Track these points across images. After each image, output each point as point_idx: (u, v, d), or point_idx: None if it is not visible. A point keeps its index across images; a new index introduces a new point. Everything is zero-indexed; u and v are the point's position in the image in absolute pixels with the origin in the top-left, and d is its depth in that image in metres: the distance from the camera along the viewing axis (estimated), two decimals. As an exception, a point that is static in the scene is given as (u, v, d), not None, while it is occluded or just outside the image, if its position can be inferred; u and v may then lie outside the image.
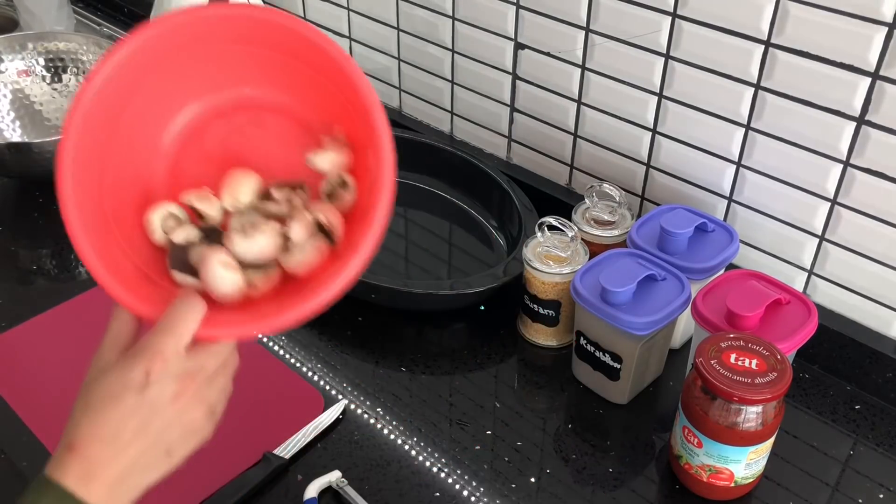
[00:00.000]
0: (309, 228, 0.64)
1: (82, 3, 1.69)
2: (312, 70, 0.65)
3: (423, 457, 0.83)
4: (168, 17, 0.65)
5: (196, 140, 0.68)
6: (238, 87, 0.68)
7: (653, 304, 0.82)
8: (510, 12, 1.05)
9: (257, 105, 0.69)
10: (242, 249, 0.63)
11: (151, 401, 0.56)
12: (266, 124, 0.69)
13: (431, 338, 0.98)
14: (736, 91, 0.89)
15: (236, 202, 0.66)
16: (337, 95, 0.65)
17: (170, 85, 0.67)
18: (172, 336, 0.57)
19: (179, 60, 0.66)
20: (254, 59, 0.67)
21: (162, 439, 0.57)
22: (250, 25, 0.65)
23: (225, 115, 0.69)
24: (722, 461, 0.75)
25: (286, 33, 0.64)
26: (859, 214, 0.86)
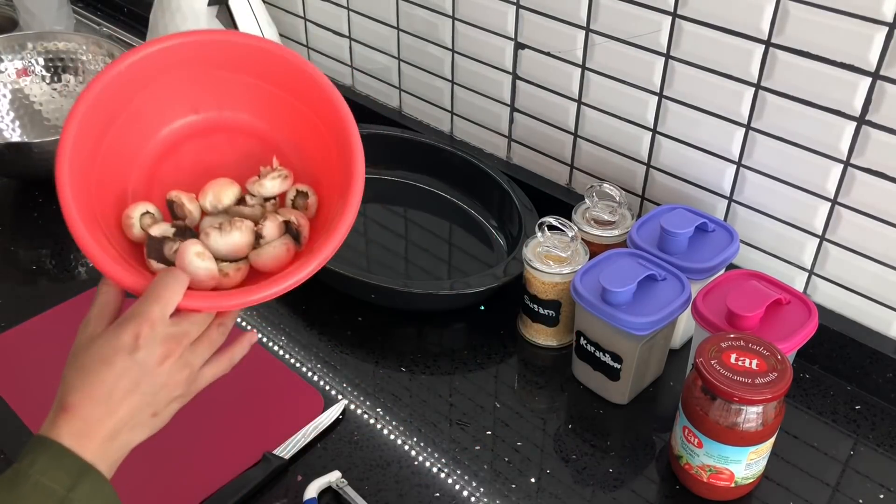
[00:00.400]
0: (279, 228, 0.72)
1: (82, 3, 1.69)
2: (289, 95, 0.75)
3: (423, 457, 0.83)
4: (160, 39, 0.73)
5: (174, 153, 0.77)
6: (218, 111, 0.77)
7: (653, 304, 0.82)
8: (510, 12, 1.05)
9: (233, 127, 0.78)
10: (219, 244, 0.70)
11: (141, 362, 0.61)
12: (238, 144, 0.78)
13: (431, 338, 0.98)
14: (736, 91, 0.89)
15: (218, 203, 0.74)
16: (311, 119, 0.74)
17: (157, 103, 0.75)
18: (158, 303, 0.62)
19: (167, 81, 0.74)
20: (235, 85, 0.76)
21: (150, 399, 0.62)
22: (236, 51, 0.74)
23: (203, 133, 0.78)
24: (722, 461, 0.75)
25: (271, 60, 0.74)
26: (859, 214, 0.86)
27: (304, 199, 0.75)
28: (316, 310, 1.00)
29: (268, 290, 0.66)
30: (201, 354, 0.66)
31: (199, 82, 0.76)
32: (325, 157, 0.73)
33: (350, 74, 1.34)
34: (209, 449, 0.82)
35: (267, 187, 0.74)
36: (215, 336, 0.67)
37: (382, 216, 1.16)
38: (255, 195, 0.75)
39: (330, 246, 0.67)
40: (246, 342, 0.70)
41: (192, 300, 0.64)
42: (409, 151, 1.18)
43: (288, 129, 0.77)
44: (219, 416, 0.85)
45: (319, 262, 0.67)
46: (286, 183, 0.75)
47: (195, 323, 0.65)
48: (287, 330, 0.97)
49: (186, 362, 0.64)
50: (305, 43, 1.38)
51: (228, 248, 0.70)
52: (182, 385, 0.64)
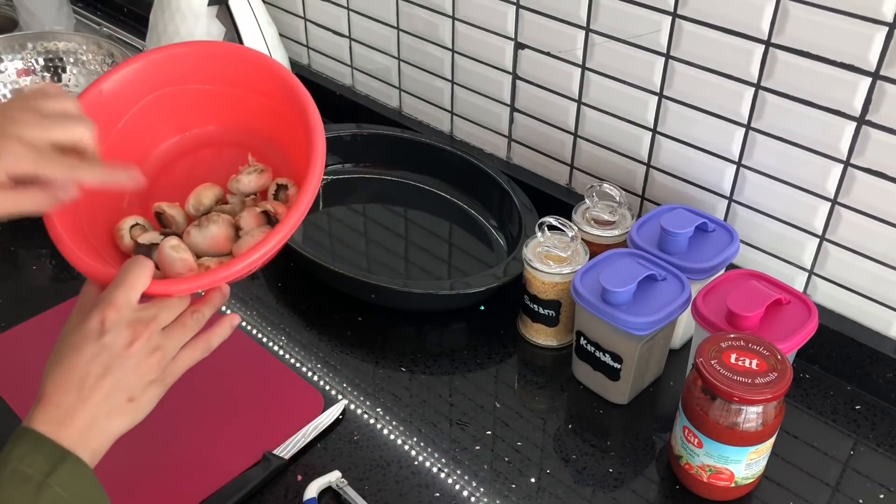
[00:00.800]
0: (256, 218, 0.74)
1: (82, 3, 1.69)
2: (261, 96, 0.78)
3: (423, 457, 0.83)
4: (145, 55, 0.77)
5: (166, 172, 0.80)
6: (202, 126, 0.81)
7: (653, 304, 0.82)
8: (510, 12, 1.05)
9: (219, 141, 0.81)
10: (198, 239, 0.73)
11: (108, 346, 0.62)
12: (225, 156, 0.81)
13: (431, 338, 0.98)
14: (736, 91, 0.89)
15: (199, 205, 0.77)
16: (282, 114, 0.76)
17: (144, 126, 0.78)
18: (123, 288, 0.63)
19: (151, 104, 0.78)
20: (214, 97, 0.79)
21: (122, 384, 0.62)
22: (213, 62, 0.78)
23: (191, 151, 0.81)
24: (722, 461, 0.75)
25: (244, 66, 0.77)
26: (859, 214, 0.86)
27: (286, 191, 0.77)
28: (316, 310, 1.00)
29: (229, 269, 0.66)
30: (174, 339, 0.65)
31: (182, 100, 0.78)
32: (299, 148, 0.74)
33: (350, 74, 1.34)
34: (209, 449, 0.82)
35: (244, 182, 0.77)
36: (190, 322, 0.67)
37: (382, 216, 1.16)
38: (236, 193, 0.78)
39: (293, 217, 0.67)
40: (227, 325, 0.70)
41: (158, 286, 0.65)
42: (409, 151, 1.18)
43: (265, 128, 0.79)
44: (219, 416, 0.85)
45: (283, 234, 0.67)
46: (263, 177, 0.78)
47: (165, 308, 0.65)
48: (287, 330, 0.97)
49: (157, 345, 0.64)
50: (305, 43, 1.38)
51: (207, 241, 0.73)
52: (155, 368, 0.64)
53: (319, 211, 1.15)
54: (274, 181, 0.79)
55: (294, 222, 0.67)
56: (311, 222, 1.14)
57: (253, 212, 0.75)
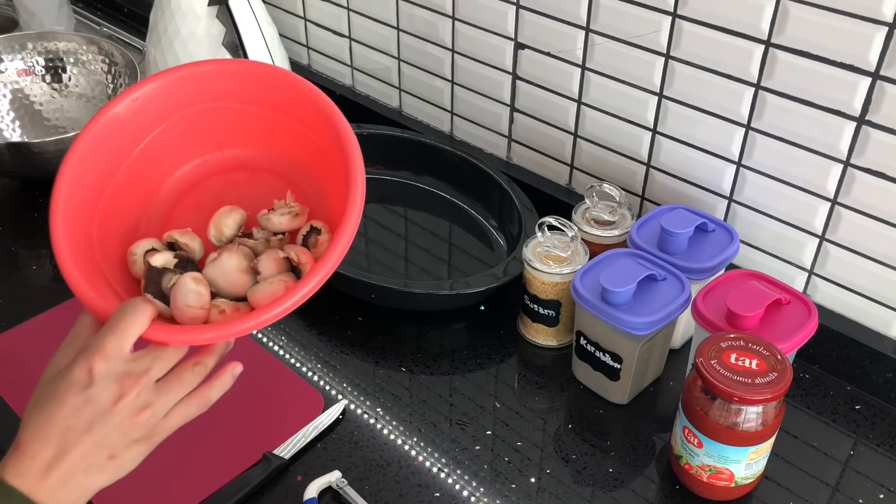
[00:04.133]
0: (278, 264, 0.67)
1: (82, 3, 1.69)
2: (309, 130, 0.71)
3: (423, 457, 0.83)
4: (182, 68, 0.70)
5: (194, 190, 0.73)
6: (240, 147, 0.73)
7: (653, 304, 0.82)
8: (510, 12, 1.05)
9: (255, 165, 0.74)
10: (213, 273, 0.66)
11: (93, 400, 0.57)
12: (260, 183, 0.74)
13: (431, 338, 0.98)
14: (736, 91, 0.89)
15: (220, 235, 0.70)
16: (330, 156, 0.69)
17: (176, 138, 0.71)
18: (115, 334, 0.58)
19: (186, 116, 0.71)
20: (255, 120, 0.72)
21: (105, 441, 0.57)
22: (256, 83, 0.71)
23: (224, 171, 0.74)
24: (722, 461, 0.75)
25: (290, 92, 0.70)
26: (859, 214, 0.86)
27: (317, 235, 0.70)
28: (316, 310, 1.00)
29: (241, 325, 0.60)
30: (168, 395, 0.60)
31: (221, 117, 0.72)
32: (338, 191, 0.69)
33: (350, 74, 1.34)
34: (209, 449, 0.82)
35: (274, 222, 0.70)
36: (189, 376, 0.61)
37: (382, 216, 1.16)
38: (264, 228, 0.71)
39: (316, 276, 0.61)
40: (228, 376, 0.63)
41: (156, 331, 0.59)
42: (409, 151, 1.18)
43: (306, 161, 0.73)
44: (219, 416, 0.85)
45: (304, 293, 0.61)
46: (297, 220, 0.71)
47: (160, 359, 0.59)
48: (287, 330, 0.97)
49: (146, 402, 0.58)
50: (305, 43, 1.38)
51: (221, 277, 0.66)
52: (142, 427, 0.59)
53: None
54: (308, 222, 0.71)
55: (319, 281, 0.61)
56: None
57: (275, 255, 0.67)
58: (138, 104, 0.69)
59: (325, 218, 0.70)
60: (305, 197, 0.73)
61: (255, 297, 0.65)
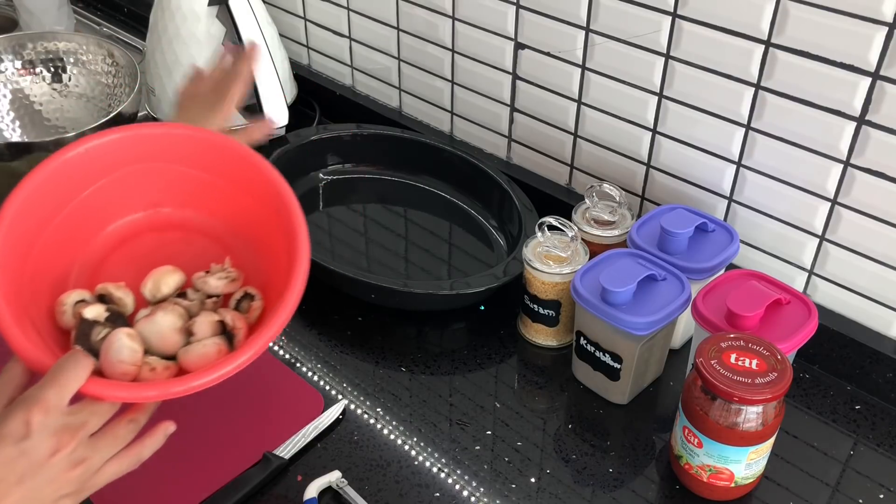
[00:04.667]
0: (212, 326, 0.67)
1: (82, 3, 1.69)
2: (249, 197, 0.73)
3: (423, 457, 0.83)
4: (136, 127, 0.73)
5: (126, 244, 0.74)
6: (177, 207, 0.75)
7: (653, 304, 0.82)
8: (510, 12, 1.05)
9: (190, 226, 0.75)
10: (146, 330, 0.66)
11: (28, 453, 0.56)
12: (194, 244, 0.75)
13: (431, 338, 0.98)
14: (736, 91, 0.89)
15: (157, 292, 0.71)
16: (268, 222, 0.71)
17: (116, 192, 0.73)
18: (55, 387, 0.56)
19: (128, 173, 0.73)
20: (196, 182, 0.74)
21: (35, 494, 0.56)
22: (202, 148, 0.73)
23: (159, 228, 0.75)
24: (722, 461, 0.75)
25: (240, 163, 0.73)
26: (859, 214, 0.86)
27: (250, 301, 0.71)
28: (316, 310, 1.00)
29: (176, 387, 0.60)
30: (102, 450, 0.59)
31: (161, 177, 0.74)
32: (276, 260, 0.70)
33: (350, 74, 1.34)
34: (209, 449, 0.82)
35: (211, 285, 0.71)
36: (122, 432, 0.60)
37: (382, 216, 1.16)
38: (199, 290, 0.71)
39: (255, 346, 0.62)
40: (160, 434, 0.63)
41: (95, 386, 0.59)
42: (409, 151, 1.18)
43: (246, 231, 0.74)
44: (219, 416, 0.85)
45: (240, 362, 0.62)
46: (233, 285, 0.72)
47: (96, 413, 0.59)
48: (287, 330, 0.97)
49: (80, 458, 0.58)
50: (305, 43, 1.38)
51: (155, 333, 0.66)
52: (73, 482, 0.58)
53: (319, 211, 1.15)
54: (242, 288, 0.72)
55: (255, 353, 0.62)
56: (312, 222, 1.13)
57: (210, 318, 0.67)
58: (88, 155, 0.70)
59: (260, 284, 0.72)
60: (241, 261, 0.74)
61: (188, 358, 0.65)
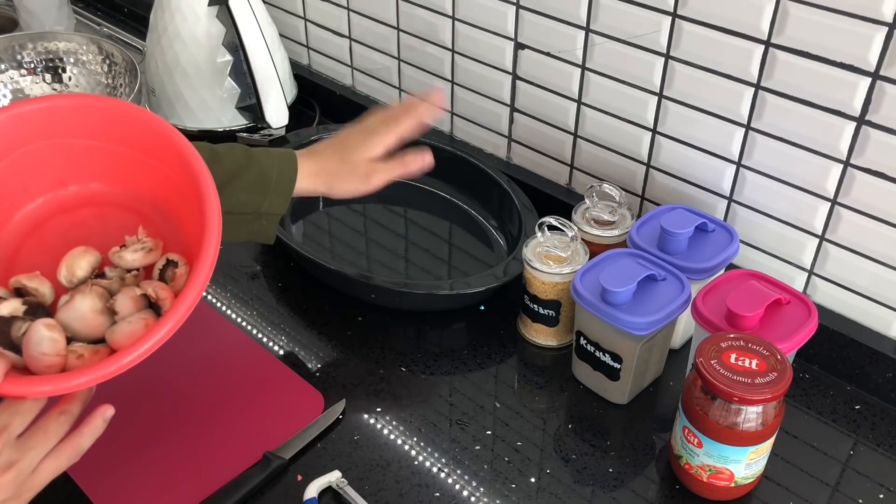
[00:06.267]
0: (135, 302, 0.64)
1: (82, 3, 1.69)
2: (156, 160, 0.69)
3: (423, 457, 0.83)
4: (12, 105, 0.67)
5: (37, 232, 0.70)
6: (83, 183, 0.70)
7: (653, 304, 0.82)
8: (510, 12, 1.05)
9: (101, 201, 0.71)
10: (66, 317, 0.63)
11: None
12: (109, 219, 0.71)
13: (431, 338, 0.98)
14: (736, 91, 0.89)
15: (72, 276, 0.67)
16: (179, 185, 0.67)
17: (14, 178, 0.68)
18: None
19: (24, 154, 0.68)
20: (99, 154, 0.69)
21: None
22: (98, 117, 0.68)
23: (69, 209, 0.71)
24: (722, 461, 0.75)
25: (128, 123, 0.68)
26: (859, 214, 0.86)
27: (174, 268, 0.67)
28: (316, 310, 1.00)
29: (103, 369, 0.56)
30: (33, 450, 0.56)
31: (61, 153, 0.69)
32: (195, 224, 0.66)
33: (350, 74, 1.34)
34: (209, 449, 0.82)
35: (127, 259, 0.67)
36: (54, 427, 0.57)
37: (382, 216, 1.16)
38: (117, 266, 0.68)
39: (177, 312, 0.59)
40: (98, 421, 0.60)
41: (11, 385, 0.55)
42: (409, 151, 1.18)
43: (156, 193, 0.70)
44: (219, 416, 0.85)
45: (167, 329, 0.58)
46: (151, 255, 0.68)
47: (18, 413, 0.56)
48: (287, 330, 0.97)
49: (8, 461, 0.55)
50: (305, 43, 1.38)
51: (77, 321, 0.62)
52: (8, 488, 0.55)
53: (319, 211, 1.15)
54: (163, 256, 0.68)
55: (180, 316, 0.59)
56: (311, 222, 1.14)
57: (132, 293, 0.64)
58: None
59: (183, 250, 0.68)
60: (158, 230, 0.70)
61: (115, 338, 0.62)
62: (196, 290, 0.60)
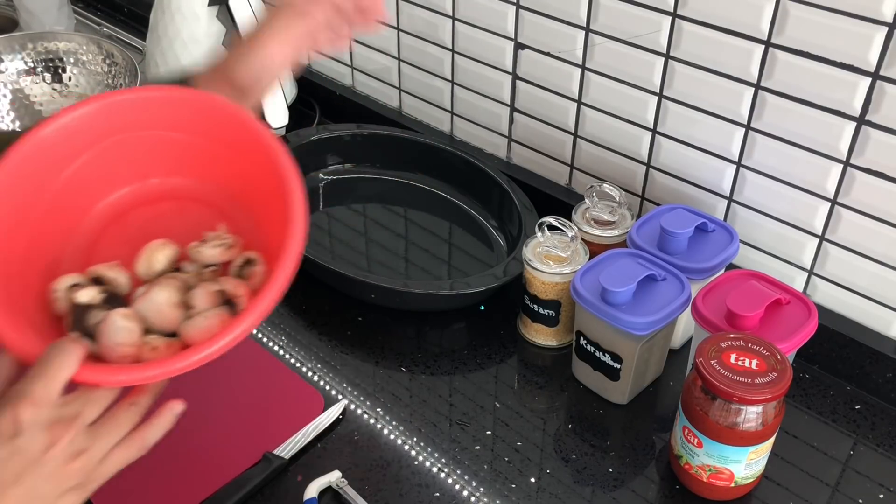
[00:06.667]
0: (212, 298, 0.64)
1: (82, 3, 1.69)
2: (238, 155, 0.68)
3: (423, 457, 0.83)
4: (106, 95, 0.68)
5: (117, 223, 0.70)
6: (166, 176, 0.71)
7: (653, 304, 0.82)
8: (510, 12, 1.05)
9: (183, 195, 0.71)
10: (142, 307, 0.63)
11: (22, 451, 0.53)
12: (189, 213, 0.71)
13: (431, 338, 0.98)
14: (736, 91, 0.89)
15: (150, 269, 0.67)
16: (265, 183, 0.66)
17: (100, 167, 0.68)
18: (43, 379, 0.54)
19: (114, 144, 0.68)
20: (184, 147, 0.70)
21: (36, 492, 0.54)
22: (188, 111, 0.68)
23: (151, 202, 0.71)
24: (722, 461, 0.75)
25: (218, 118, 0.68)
26: (859, 214, 0.86)
27: (251, 267, 0.67)
28: (316, 310, 1.00)
29: (177, 363, 0.57)
30: (103, 438, 0.57)
31: (149, 145, 0.70)
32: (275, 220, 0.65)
33: (350, 74, 1.34)
34: (209, 449, 0.82)
35: (205, 255, 0.67)
36: (124, 418, 0.58)
37: (382, 216, 1.16)
38: (195, 261, 0.68)
39: (255, 312, 0.59)
40: (167, 416, 0.60)
41: (87, 373, 0.56)
42: (409, 151, 1.18)
43: (241, 193, 0.70)
44: (219, 416, 0.85)
45: (243, 328, 0.58)
46: (230, 252, 0.68)
47: (91, 402, 0.56)
48: (287, 330, 0.97)
49: (79, 449, 0.55)
50: (305, 43, 1.38)
51: (153, 313, 0.62)
52: (76, 475, 0.56)
53: (319, 211, 1.15)
54: (242, 254, 0.68)
55: (259, 315, 0.59)
56: (311, 222, 1.13)
57: (208, 289, 0.64)
58: (65, 130, 0.67)
59: (261, 248, 0.68)
60: (238, 227, 0.70)
61: (190, 333, 0.62)
62: (276, 289, 0.59)
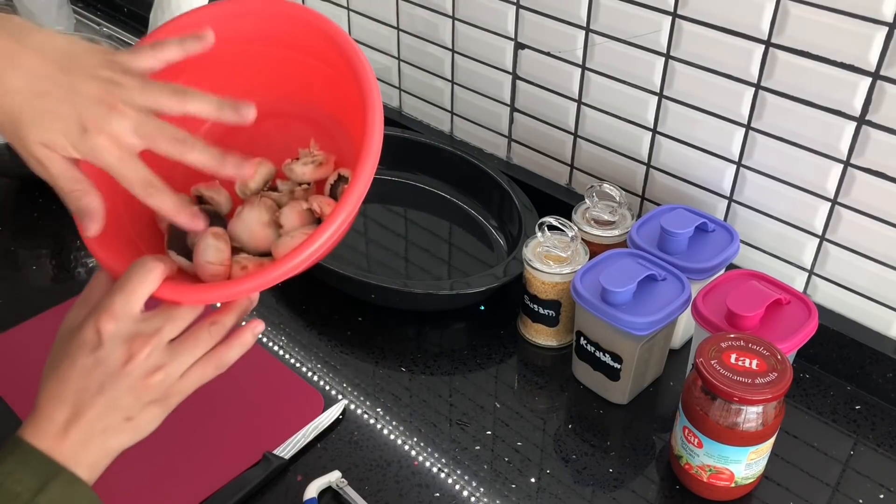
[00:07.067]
0: (300, 216, 0.63)
1: (82, 3, 1.69)
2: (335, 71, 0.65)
3: (423, 457, 0.83)
4: (210, 7, 0.65)
5: (223, 141, 0.68)
6: (270, 92, 0.68)
7: (653, 304, 0.82)
8: (510, 12, 1.05)
9: (283, 112, 0.69)
10: (235, 227, 0.63)
11: (103, 362, 0.56)
12: (290, 131, 0.69)
13: (431, 338, 0.98)
14: (736, 91, 0.89)
15: (245, 188, 0.67)
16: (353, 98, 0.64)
17: (209, 85, 0.66)
18: (123, 294, 0.56)
19: (213, 60, 0.65)
20: (288, 64, 0.67)
21: (118, 403, 0.56)
22: (287, 25, 0.66)
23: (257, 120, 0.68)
24: (722, 461, 0.75)
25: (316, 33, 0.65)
26: (859, 214, 0.86)
27: (345, 184, 0.65)
28: (316, 310, 1.00)
29: (253, 281, 0.56)
30: (181, 356, 0.58)
31: (253, 61, 0.67)
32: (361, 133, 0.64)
33: (350, 74, 1.34)
34: (209, 449, 0.82)
35: (297, 172, 0.66)
36: (204, 336, 0.59)
37: (382, 216, 1.16)
38: (289, 179, 0.67)
39: (335, 220, 0.57)
40: (248, 336, 0.61)
41: (168, 290, 0.56)
42: (409, 151, 1.18)
43: (338, 110, 0.67)
44: (219, 416, 0.85)
45: (321, 239, 0.56)
46: (322, 170, 0.66)
47: (172, 319, 0.58)
48: (287, 330, 0.97)
49: (157, 364, 0.57)
50: (305, 43, 1.38)
51: (245, 231, 0.62)
52: (154, 390, 0.57)
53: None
54: (336, 171, 0.66)
55: (337, 226, 0.57)
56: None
57: (298, 207, 0.63)
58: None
59: (351, 164, 0.64)
60: (336, 144, 0.68)
61: (279, 252, 0.61)
62: (354, 199, 0.57)
